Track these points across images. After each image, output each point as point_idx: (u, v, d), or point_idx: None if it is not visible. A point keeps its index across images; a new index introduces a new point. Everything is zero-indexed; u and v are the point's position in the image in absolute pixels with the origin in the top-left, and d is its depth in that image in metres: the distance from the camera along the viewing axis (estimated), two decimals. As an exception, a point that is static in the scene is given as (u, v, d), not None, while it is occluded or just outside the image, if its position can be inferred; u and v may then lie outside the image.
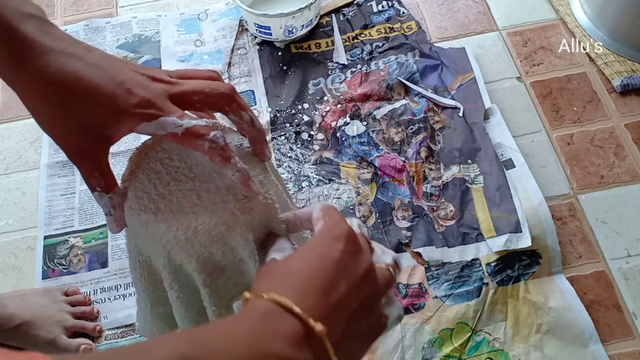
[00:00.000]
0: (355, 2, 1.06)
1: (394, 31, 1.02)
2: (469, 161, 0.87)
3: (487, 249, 0.80)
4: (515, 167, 0.86)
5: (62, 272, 0.82)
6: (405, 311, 0.76)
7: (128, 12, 1.09)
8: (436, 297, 0.77)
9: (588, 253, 0.81)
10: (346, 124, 0.92)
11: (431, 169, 0.87)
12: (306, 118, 0.93)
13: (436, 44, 1.00)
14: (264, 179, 0.44)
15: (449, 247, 0.80)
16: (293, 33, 0.99)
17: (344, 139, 0.90)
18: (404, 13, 1.05)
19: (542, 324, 0.75)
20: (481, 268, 0.78)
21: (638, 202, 0.84)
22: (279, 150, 0.90)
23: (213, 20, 1.05)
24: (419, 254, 0.80)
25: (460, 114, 0.91)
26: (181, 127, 0.41)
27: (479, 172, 0.86)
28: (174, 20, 1.06)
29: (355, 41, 1.01)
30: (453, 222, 0.82)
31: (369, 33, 1.02)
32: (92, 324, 0.77)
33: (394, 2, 1.06)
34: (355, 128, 0.91)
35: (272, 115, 0.93)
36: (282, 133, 0.92)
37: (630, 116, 0.93)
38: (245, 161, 0.43)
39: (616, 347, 0.74)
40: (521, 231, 0.80)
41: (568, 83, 0.97)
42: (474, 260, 0.79)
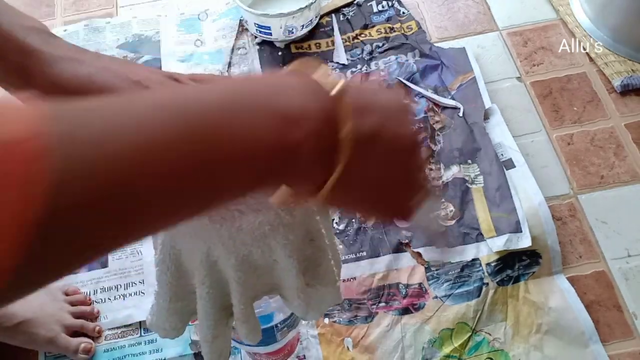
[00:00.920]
0: (355, 2, 1.06)
1: (394, 31, 1.02)
2: (469, 161, 0.87)
3: (487, 249, 0.80)
4: (515, 167, 0.86)
5: (62, 272, 0.82)
6: (405, 311, 0.76)
7: (128, 12, 1.09)
8: (436, 297, 0.77)
9: (588, 253, 0.81)
10: (346, 124, 0.92)
11: (431, 169, 0.87)
12: (306, 118, 0.93)
13: (436, 44, 1.00)
14: None
15: (449, 247, 0.80)
16: (293, 33, 0.99)
17: (344, 139, 0.90)
18: (404, 13, 1.05)
19: (542, 324, 0.75)
20: (481, 268, 0.78)
21: (638, 202, 0.84)
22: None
23: (213, 20, 1.05)
24: (419, 254, 0.80)
25: (461, 114, 0.91)
26: None
27: (479, 172, 0.86)
28: (174, 20, 1.06)
29: (356, 41, 1.01)
30: (453, 222, 0.82)
31: (369, 33, 1.02)
32: (92, 324, 0.77)
33: (394, 2, 1.06)
34: (356, 128, 0.91)
35: (272, 115, 0.93)
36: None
37: (631, 116, 0.92)
38: None
39: (616, 347, 0.74)
40: (521, 231, 0.80)
41: (568, 83, 0.96)
42: (474, 260, 0.79)
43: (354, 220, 0.82)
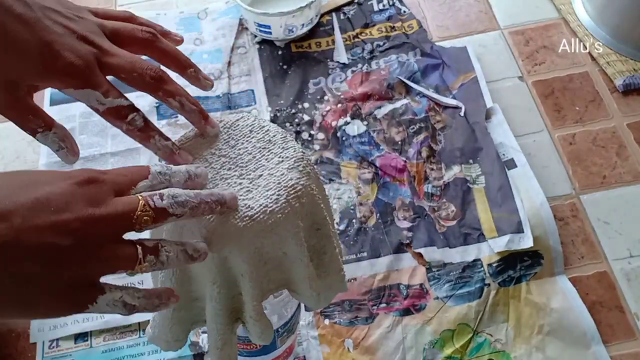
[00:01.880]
0: (355, 1, 1.05)
1: (395, 30, 1.01)
2: (471, 161, 0.87)
3: (489, 250, 0.79)
4: (517, 167, 0.86)
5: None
6: (406, 312, 0.75)
7: (127, 11, 1.09)
8: (437, 297, 0.76)
9: (590, 254, 0.80)
10: (347, 123, 0.91)
11: (432, 169, 0.87)
12: (306, 118, 0.92)
13: (437, 43, 1.00)
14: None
15: (450, 248, 0.80)
16: (293, 32, 0.98)
17: (344, 138, 0.90)
18: (404, 12, 1.04)
19: (544, 325, 0.74)
20: (483, 269, 0.78)
21: (640, 203, 0.84)
22: (279, 149, 0.90)
23: (213, 19, 1.05)
24: (420, 255, 0.79)
25: (462, 113, 0.91)
26: (103, 105, 0.42)
27: (480, 172, 0.86)
28: (173, 18, 1.05)
29: (356, 40, 1.01)
30: (454, 222, 0.82)
31: (370, 32, 1.02)
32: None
33: (394, 0, 1.05)
34: (356, 128, 0.91)
35: (272, 115, 0.93)
36: (283, 132, 0.91)
37: (633, 116, 0.92)
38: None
39: (618, 348, 0.74)
40: (523, 232, 0.79)
41: (570, 82, 0.96)
42: (475, 260, 0.79)
43: (354, 221, 0.82)
